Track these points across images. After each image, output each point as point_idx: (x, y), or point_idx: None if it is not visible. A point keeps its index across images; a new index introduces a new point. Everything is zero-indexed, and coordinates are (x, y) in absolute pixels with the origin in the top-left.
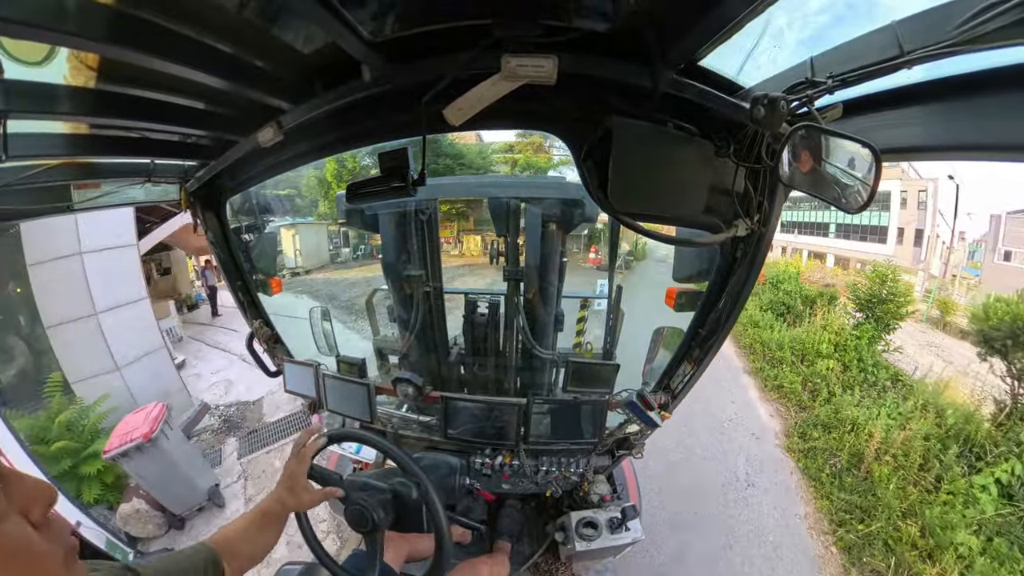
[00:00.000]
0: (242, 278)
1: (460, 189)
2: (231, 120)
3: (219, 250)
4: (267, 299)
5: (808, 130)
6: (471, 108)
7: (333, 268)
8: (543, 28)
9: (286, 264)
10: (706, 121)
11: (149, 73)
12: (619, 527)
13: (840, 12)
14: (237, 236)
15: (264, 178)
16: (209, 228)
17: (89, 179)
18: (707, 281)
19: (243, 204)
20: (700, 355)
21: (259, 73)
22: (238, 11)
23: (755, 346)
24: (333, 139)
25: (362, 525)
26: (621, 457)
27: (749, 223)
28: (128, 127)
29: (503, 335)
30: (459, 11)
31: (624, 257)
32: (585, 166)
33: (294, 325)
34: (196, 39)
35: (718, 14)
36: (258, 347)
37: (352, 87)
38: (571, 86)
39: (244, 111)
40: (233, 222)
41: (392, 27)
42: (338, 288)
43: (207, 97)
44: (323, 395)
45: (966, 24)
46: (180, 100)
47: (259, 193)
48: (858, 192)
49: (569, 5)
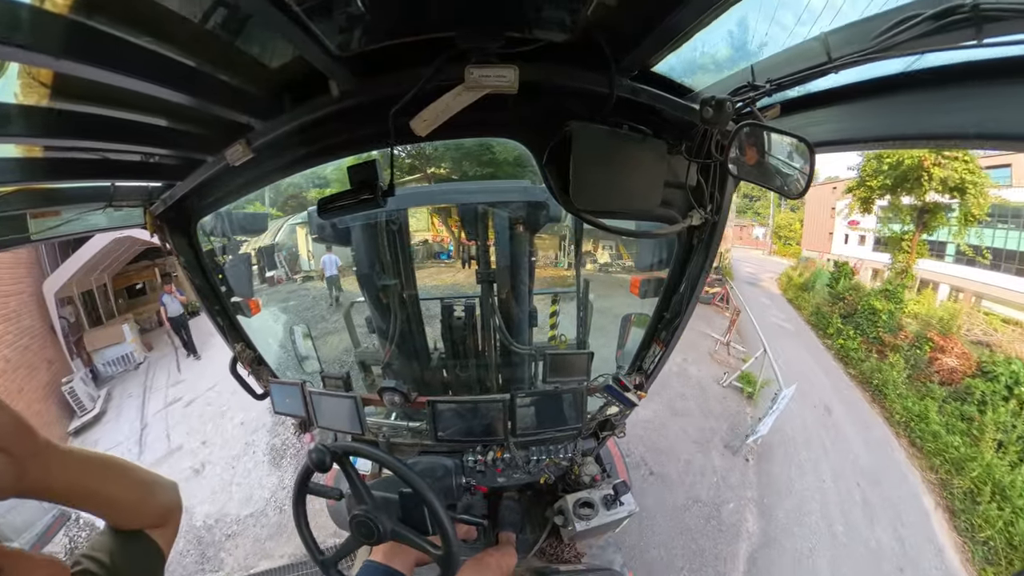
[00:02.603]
0: (220, 302)
1: (428, 197)
2: (197, 138)
3: (193, 274)
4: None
5: (752, 127)
6: (436, 119)
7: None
8: (505, 39)
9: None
10: (659, 122)
11: (108, 89)
12: (613, 503)
13: (777, 24)
14: (211, 259)
15: (235, 197)
16: (180, 252)
17: (47, 206)
18: (667, 269)
19: (216, 225)
20: (667, 337)
21: (225, 88)
22: (201, 23)
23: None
24: (304, 154)
25: (369, 536)
26: (606, 438)
27: (703, 213)
28: (87, 148)
29: (481, 335)
30: (424, 25)
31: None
32: (547, 169)
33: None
34: (158, 52)
35: (669, 25)
36: (242, 370)
37: (321, 102)
38: (532, 94)
39: (210, 128)
40: (205, 244)
41: (359, 41)
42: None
43: (171, 114)
44: (312, 412)
45: (884, 35)
46: (142, 118)
47: (233, 212)
48: (797, 180)
49: (529, 17)
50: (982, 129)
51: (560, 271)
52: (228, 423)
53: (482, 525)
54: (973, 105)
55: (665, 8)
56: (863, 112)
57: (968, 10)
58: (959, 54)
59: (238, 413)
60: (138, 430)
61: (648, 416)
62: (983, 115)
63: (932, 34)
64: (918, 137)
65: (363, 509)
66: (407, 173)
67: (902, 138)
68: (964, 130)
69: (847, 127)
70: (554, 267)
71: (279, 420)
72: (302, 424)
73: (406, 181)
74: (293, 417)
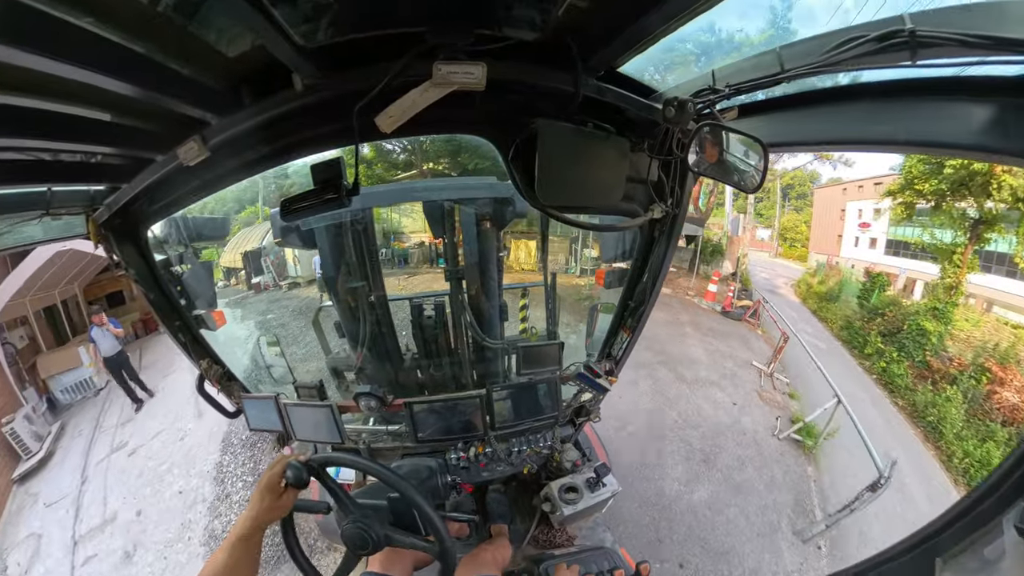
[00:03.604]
0: (180, 317)
1: (394, 195)
2: (146, 135)
3: (147, 288)
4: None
5: (711, 127)
6: (402, 115)
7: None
8: (475, 36)
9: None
10: (623, 120)
11: (42, 78)
12: (597, 485)
13: (738, 36)
14: (167, 269)
15: (190, 201)
16: (130, 264)
17: None
18: (631, 260)
19: (169, 232)
20: (633, 323)
21: (178, 79)
22: (151, 4)
23: None
24: (265, 153)
25: (363, 547)
26: (582, 424)
27: (664, 206)
28: (17, 147)
29: (453, 333)
30: (394, 19)
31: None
32: (513, 166)
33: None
34: (100, 36)
35: (636, 28)
36: (211, 388)
37: (283, 96)
38: (498, 91)
39: (161, 124)
40: (158, 253)
41: (326, 32)
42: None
43: (115, 108)
44: (289, 425)
45: (832, 52)
46: (82, 111)
47: (189, 217)
48: (753, 176)
49: (500, 15)
50: (911, 137)
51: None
52: (167, 490)
53: (473, 521)
54: (905, 116)
55: (634, 12)
56: (811, 117)
57: (906, 35)
58: (896, 72)
59: (178, 479)
60: (78, 485)
61: (705, 498)
62: (913, 125)
63: (874, 54)
64: (857, 141)
65: (352, 520)
66: (402, 169)
67: (844, 141)
68: (896, 137)
69: (797, 130)
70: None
71: (221, 495)
72: (280, 439)
73: (401, 177)
74: (270, 432)
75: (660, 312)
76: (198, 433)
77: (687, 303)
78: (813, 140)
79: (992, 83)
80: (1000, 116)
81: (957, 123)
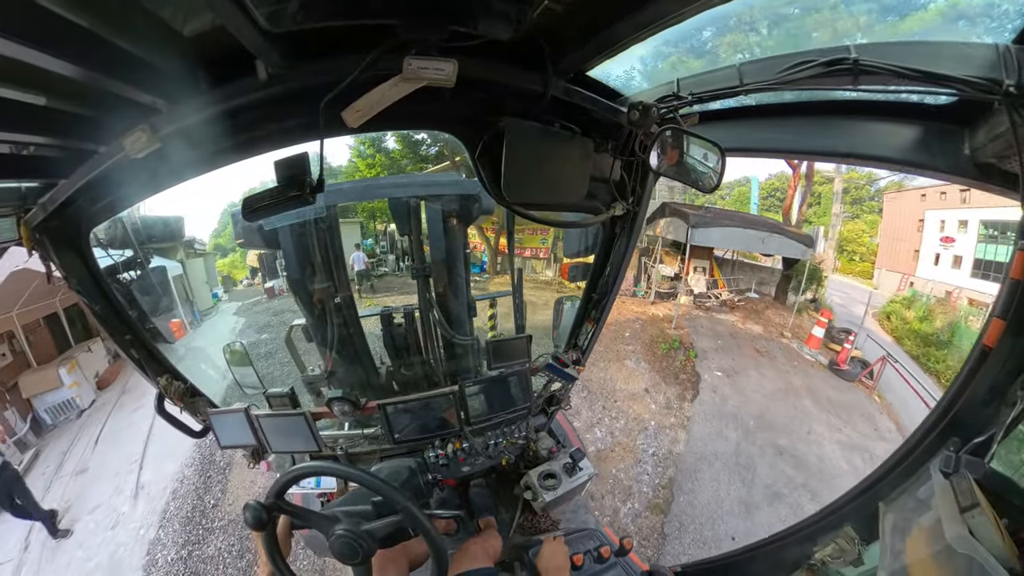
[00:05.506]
0: (131, 330)
1: (359, 192)
2: (87, 122)
3: (90, 299)
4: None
5: (673, 131)
6: (370, 109)
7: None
8: (449, 33)
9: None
10: (589, 122)
11: None
12: (573, 469)
13: (701, 47)
14: (113, 277)
15: (138, 198)
16: (70, 273)
17: None
18: (593, 255)
19: (115, 234)
20: (597, 315)
21: (125, 58)
22: None
23: None
24: (224, 147)
25: (354, 556)
26: (554, 412)
27: (625, 204)
28: None
29: (422, 331)
30: (367, 9)
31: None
32: (480, 162)
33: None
34: (35, 4)
35: (607, 35)
36: (172, 407)
37: (245, 85)
38: (467, 89)
39: (104, 110)
40: (104, 259)
41: (294, 18)
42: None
43: (51, 90)
44: (263, 438)
45: (786, 71)
46: (11, 93)
47: (137, 216)
48: (710, 177)
49: (476, 13)
50: (851, 150)
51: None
52: None
53: (459, 516)
54: (846, 132)
55: (607, 19)
56: (766, 127)
57: (851, 63)
58: (840, 94)
59: None
60: (24, 537)
61: None
62: (852, 140)
63: (822, 76)
64: (804, 151)
65: (336, 532)
66: (433, 162)
67: (792, 150)
68: (838, 149)
69: (752, 137)
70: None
71: None
72: (255, 454)
73: (433, 170)
74: (244, 448)
75: (766, 369)
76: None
77: (790, 353)
78: (766, 147)
79: (921, 109)
80: (925, 137)
81: (890, 140)
